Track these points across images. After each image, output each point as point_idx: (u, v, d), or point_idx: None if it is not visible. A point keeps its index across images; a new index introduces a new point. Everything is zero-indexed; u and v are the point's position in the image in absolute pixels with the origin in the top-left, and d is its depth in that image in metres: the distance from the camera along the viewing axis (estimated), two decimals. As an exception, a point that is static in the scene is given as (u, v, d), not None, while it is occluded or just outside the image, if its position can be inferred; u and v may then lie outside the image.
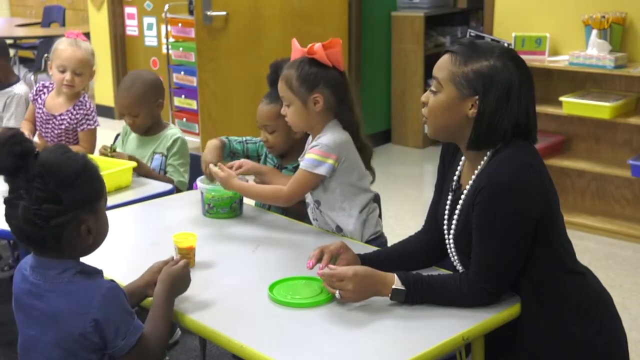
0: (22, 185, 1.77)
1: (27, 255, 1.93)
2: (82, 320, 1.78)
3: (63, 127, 3.54)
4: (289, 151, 2.83)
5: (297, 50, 2.55)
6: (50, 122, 3.54)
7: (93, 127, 3.56)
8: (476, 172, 2.04)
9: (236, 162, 2.70)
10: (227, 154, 2.86)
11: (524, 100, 2.00)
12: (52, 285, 1.82)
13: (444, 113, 2.02)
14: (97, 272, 1.89)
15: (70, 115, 3.54)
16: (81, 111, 3.54)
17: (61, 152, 1.81)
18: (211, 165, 2.65)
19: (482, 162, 2.03)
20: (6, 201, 1.80)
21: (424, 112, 2.08)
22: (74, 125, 3.54)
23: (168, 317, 1.97)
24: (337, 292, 2.00)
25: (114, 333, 1.80)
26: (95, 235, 1.87)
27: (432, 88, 2.04)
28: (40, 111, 3.59)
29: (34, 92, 3.65)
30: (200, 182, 2.71)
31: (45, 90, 3.64)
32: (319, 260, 2.13)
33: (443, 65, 2.02)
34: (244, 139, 2.94)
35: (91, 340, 1.80)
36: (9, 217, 1.81)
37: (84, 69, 3.50)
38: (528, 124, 2.02)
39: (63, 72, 3.49)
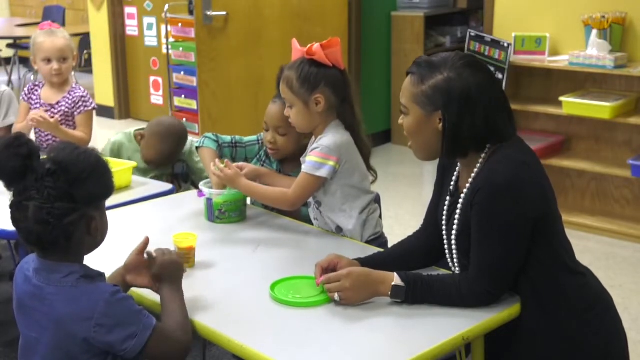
0: (31, 186, 1.76)
1: (28, 255, 1.93)
2: (86, 326, 1.77)
3: (62, 114, 3.59)
4: (292, 156, 2.77)
5: (297, 50, 2.55)
6: (49, 112, 3.59)
7: (90, 108, 3.63)
8: (473, 174, 2.04)
9: (237, 164, 2.68)
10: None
11: (489, 102, 2.00)
12: (55, 289, 1.82)
13: (418, 133, 2.06)
14: (100, 275, 1.89)
15: (67, 100, 3.61)
16: (77, 94, 3.62)
17: (72, 148, 1.82)
18: (218, 162, 2.61)
19: (478, 164, 2.04)
20: (14, 204, 1.79)
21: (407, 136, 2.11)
22: (72, 110, 3.60)
23: (182, 307, 1.95)
24: (336, 294, 2.00)
25: (123, 335, 1.79)
26: (101, 232, 1.88)
27: (402, 110, 2.08)
28: (38, 104, 3.65)
29: (26, 93, 3.70)
30: (205, 188, 2.66)
31: (36, 88, 3.71)
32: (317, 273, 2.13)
33: (405, 88, 2.07)
34: (232, 140, 2.86)
35: (94, 345, 1.79)
36: (17, 221, 1.80)
37: (67, 53, 3.60)
38: (498, 124, 2.01)
39: (49, 62, 3.58)
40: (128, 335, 1.79)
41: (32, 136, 3.72)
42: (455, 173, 2.16)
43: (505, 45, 4.72)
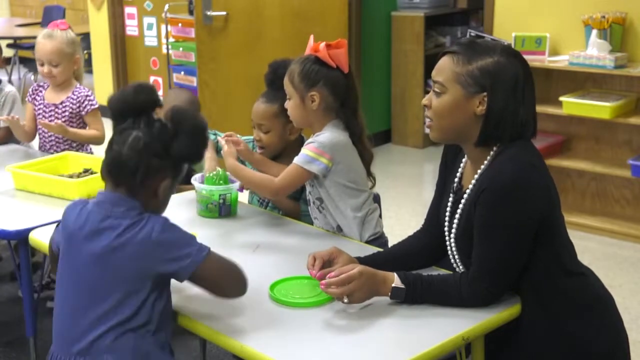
0: (140, 123, 1.93)
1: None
2: (144, 247, 1.86)
3: (67, 113, 3.59)
4: (281, 153, 2.81)
5: (309, 47, 2.56)
6: (53, 111, 3.60)
7: (96, 106, 3.63)
8: (478, 172, 2.04)
9: (234, 139, 2.69)
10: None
11: (529, 94, 2.01)
12: (116, 221, 1.90)
13: (451, 113, 2.01)
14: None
15: (71, 101, 3.60)
16: (82, 94, 3.61)
17: (194, 108, 1.98)
18: (220, 139, 2.67)
19: (485, 163, 2.03)
20: (118, 130, 1.95)
21: (427, 114, 2.07)
22: (77, 110, 3.59)
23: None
24: (345, 298, 1.97)
25: (178, 254, 1.88)
26: (164, 198, 1.99)
27: (436, 89, 2.03)
28: (41, 105, 3.65)
29: (30, 93, 3.70)
30: (195, 182, 2.73)
31: (41, 88, 3.70)
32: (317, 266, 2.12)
33: (444, 67, 2.02)
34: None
35: (149, 270, 1.86)
36: (112, 144, 1.94)
37: (59, 59, 3.55)
38: (534, 119, 2.03)
39: (42, 65, 3.57)
40: (184, 255, 1.88)
41: (36, 138, 3.74)
42: (460, 170, 2.15)
43: (508, 45, 4.72)
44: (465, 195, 2.08)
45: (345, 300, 1.97)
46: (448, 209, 2.15)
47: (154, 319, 1.91)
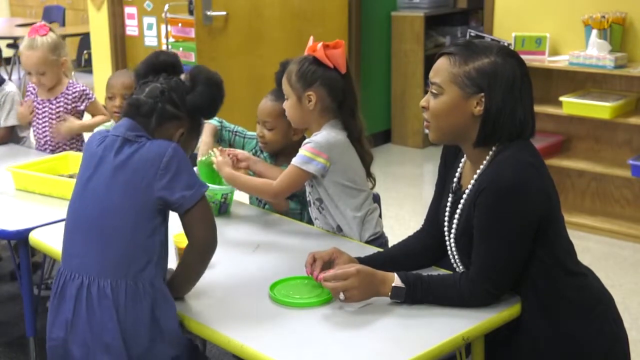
0: (160, 78, 2.05)
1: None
2: (154, 168, 1.93)
3: (61, 107, 3.62)
4: (283, 151, 2.81)
5: (308, 47, 2.56)
6: (47, 107, 3.63)
7: (93, 99, 3.70)
8: (477, 172, 2.04)
9: (239, 153, 2.69)
10: (216, 139, 2.89)
11: (527, 94, 2.01)
12: (130, 141, 1.99)
13: (449, 115, 2.01)
14: None
15: (65, 97, 3.64)
16: (77, 89, 3.65)
17: (209, 71, 2.12)
18: (214, 150, 2.68)
19: (484, 163, 2.03)
20: (141, 83, 2.08)
21: (425, 116, 2.07)
22: (72, 105, 3.63)
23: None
24: (341, 294, 1.98)
25: (182, 183, 1.94)
26: (183, 148, 2.04)
27: (433, 90, 2.03)
28: (35, 102, 3.68)
29: (28, 96, 3.72)
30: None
31: (34, 89, 3.73)
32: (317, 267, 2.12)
33: (441, 68, 2.02)
34: (234, 128, 2.95)
35: (154, 194, 1.92)
36: (132, 94, 2.07)
37: (45, 68, 3.56)
38: (532, 118, 2.03)
39: (30, 74, 3.61)
40: (187, 185, 1.94)
41: (31, 132, 3.75)
42: (459, 170, 2.15)
43: (505, 45, 4.71)
44: (464, 196, 2.08)
45: (342, 298, 1.98)
46: (447, 209, 2.15)
47: (156, 250, 1.97)
